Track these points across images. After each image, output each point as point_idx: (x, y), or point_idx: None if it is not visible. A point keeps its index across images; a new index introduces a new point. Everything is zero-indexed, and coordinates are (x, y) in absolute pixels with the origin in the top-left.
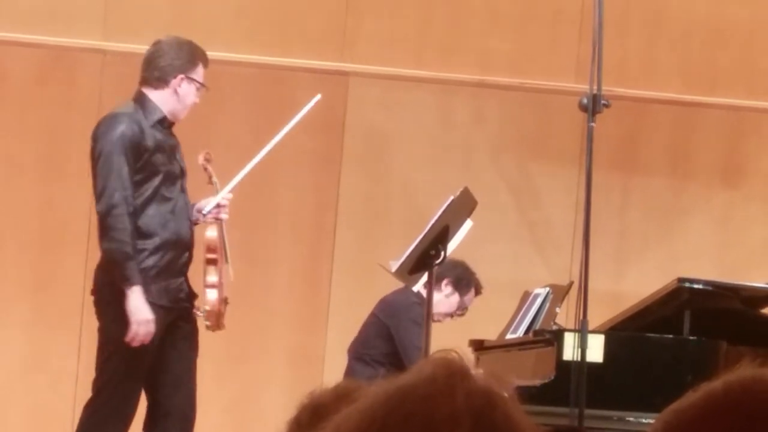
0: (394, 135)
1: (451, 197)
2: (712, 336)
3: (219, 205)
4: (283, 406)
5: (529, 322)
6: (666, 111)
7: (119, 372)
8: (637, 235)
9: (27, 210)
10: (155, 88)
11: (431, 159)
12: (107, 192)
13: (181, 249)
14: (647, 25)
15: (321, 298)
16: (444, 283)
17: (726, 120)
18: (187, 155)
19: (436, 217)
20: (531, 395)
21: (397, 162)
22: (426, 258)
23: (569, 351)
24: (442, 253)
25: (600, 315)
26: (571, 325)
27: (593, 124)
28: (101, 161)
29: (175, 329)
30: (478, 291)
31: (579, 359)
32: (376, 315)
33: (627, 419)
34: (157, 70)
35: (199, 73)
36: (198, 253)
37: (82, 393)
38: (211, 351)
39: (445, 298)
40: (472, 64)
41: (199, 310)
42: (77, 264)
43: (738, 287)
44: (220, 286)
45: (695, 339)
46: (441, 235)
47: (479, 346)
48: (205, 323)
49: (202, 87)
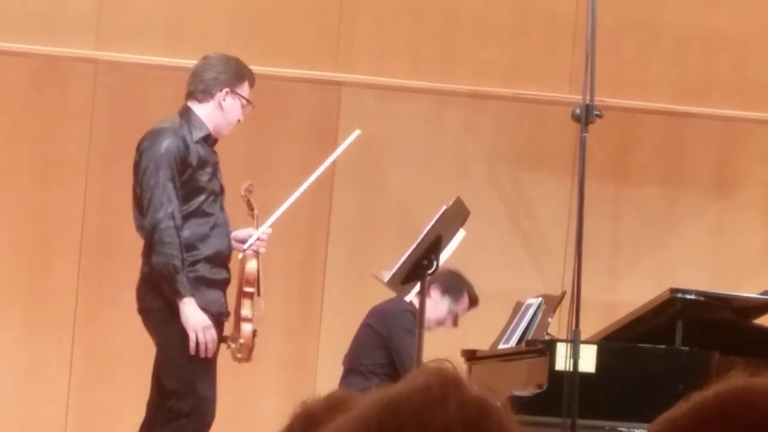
0: (387, 145)
1: (444, 207)
2: (704, 346)
3: (259, 239)
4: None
5: (522, 332)
6: (659, 121)
7: (193, 381)
8: (630, 245)
9: (20, 218)
10: (200, 101)
11: (424, 169)
12: (153, 206)
13: (221, 264)
14: (640, 36)
15: (314, 307)
16: (433, 289)
17: (718, 130)
18: None
19: (428, 227)
20: (523, 405)
21: (390, 172)
22: (418, 268)
23: (561, 361)
24: (434, 263)
25: (592, 325)
26: (564, 336)
27: (586, 134)
28: (147, 176)
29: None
30: (473, 302)
31: (571, 369)
32: (369, 325)
33: (619, 429)
34: (203, 83)
35: (245, 90)
36: (233, 284)
37: (74, 402)
38: None
39: (434, 304)
40: (465, 74)
41: (235, 342)
42: (70, 272)
43: (730, 298)
44: (252, 319)
45: (688, 349)
46: (434, 245)
47: (471, 356)
48: (237, 355)
49: (248, 104)
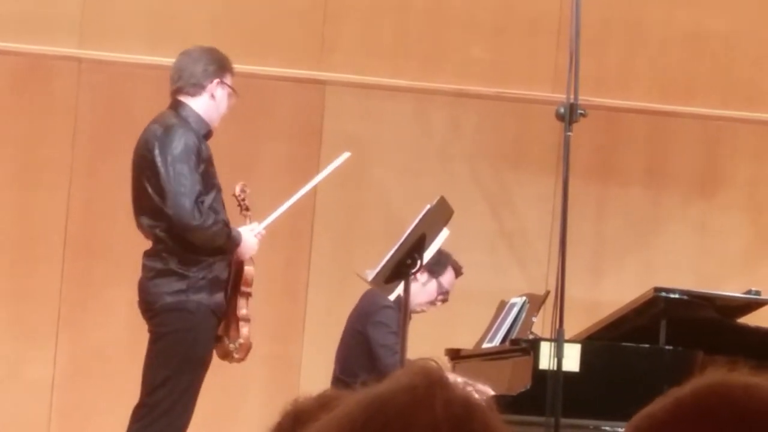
0: (371, 144)
1: (428, 206)
2: (688, 345)
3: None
4: (261, 413)
5: (506, 331)
6: (643, 120)
7: (195, 380)
8: (614, 245)
9: (2, 219)
10: (192, 95)
11: (408, 168)
12: (179, 193)
13: (228, 265)
14: (624, 35)
15: (298, 306)
16: (419, 273)
17: (702, 129)
18: None
19: (412, 226)
20: (507, 404)
21: (374, 171)
22: (402, 267)
23: (546, 360)
24: (418, 263)
25: (576, 324)
26: (548, 335)
27: (570, 133)
28: (169, 168)
29: None
30: (457, 272)
31: (555, 368)
32: (354, 326)
33: (603, 428)
34: (193, 77)
35: (230, 80)
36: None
37: (57, 402)
38: None
39: (422, 286)
40: (449, 73)
41: (233, 342)
42: (53, 273)
43: (714, 297)
44: (250, 319)
45: (671, 348)
46: (417, 244)
47: (456, 355)
48: (235, 355)
49: (233, 93)
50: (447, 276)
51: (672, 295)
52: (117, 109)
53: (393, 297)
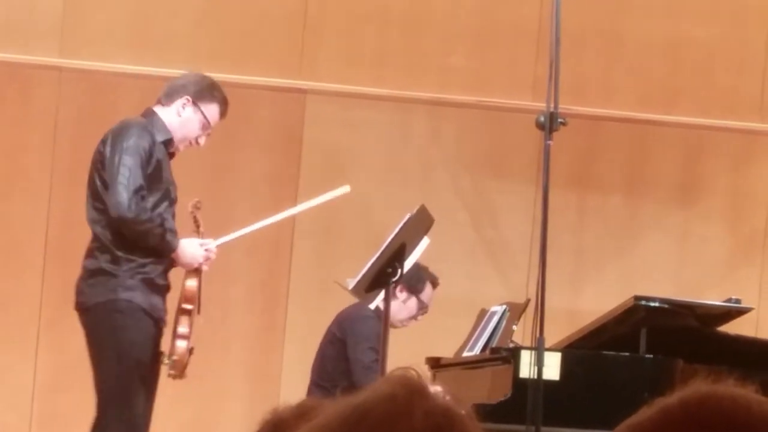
0: (351, 153)
1: (408, 215)
2: (668, 354)
3: (207, 257)
4: (241, 422)
5: (486, 339)
6: (623, 129)
7: (133, 383)
8: (594, 253)
9: None
10: (163, 105)
11: (388, 176)
12: (122, 185)
13: (166, 271)
14: (604, 44)
15: (278, 315)
16: (398, 290)
17: (683, 138)
18: None
19: (393, 235)
20: (488, 413)
21: (355, 179)
22: (383, 275)
23: (526, 369)
24: (399, 271)
25: (557, 333)
26: (528, 343)
27: (550, 142)
28: (116, 161)
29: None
30: (434, 284)
31: (536, 377)
32: (333, 333)
33: None
34: (169, 88)
35: (211, 112)
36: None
37: (38, 409)
38: None
39: (402, 303)
40: (429, 82)
41: (167, 358)
42: (34, 280)
43: (694, 305)
44: (189, 336)
45: (651, 357)
46: (398, 253)
47: (436, 363)
48: (170, 372)
49: (208, 125)
50: (426, 291)
51: (652, 304)
52: (98, 118)
53: (373, 306)
